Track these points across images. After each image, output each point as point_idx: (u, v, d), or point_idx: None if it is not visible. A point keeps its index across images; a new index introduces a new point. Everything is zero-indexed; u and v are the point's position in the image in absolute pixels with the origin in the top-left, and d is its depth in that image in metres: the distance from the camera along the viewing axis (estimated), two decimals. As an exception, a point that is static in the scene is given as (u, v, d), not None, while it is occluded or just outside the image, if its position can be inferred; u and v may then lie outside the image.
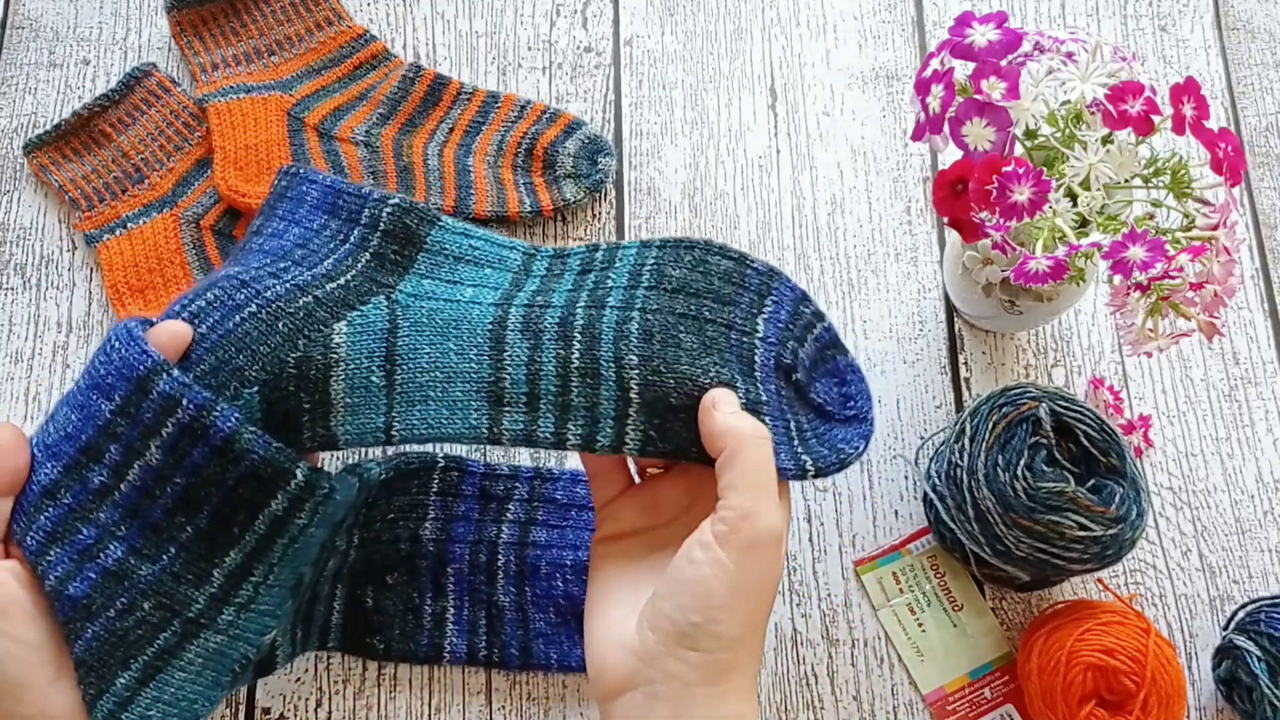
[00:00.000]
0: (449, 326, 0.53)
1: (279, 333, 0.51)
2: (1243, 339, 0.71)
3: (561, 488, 0.65)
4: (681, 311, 0.53)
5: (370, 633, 0.62)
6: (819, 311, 0.57)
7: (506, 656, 0.62)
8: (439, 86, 0.75)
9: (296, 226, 0.57)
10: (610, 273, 0.55)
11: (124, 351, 0.48)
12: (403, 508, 0.64)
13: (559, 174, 0.73)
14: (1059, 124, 0.53)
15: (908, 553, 0.66)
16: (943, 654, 0.64)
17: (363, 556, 0.63)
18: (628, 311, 0.52)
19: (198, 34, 0.76)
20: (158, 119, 0.74)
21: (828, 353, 0.58)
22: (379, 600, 0.62)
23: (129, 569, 0.49)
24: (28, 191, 0.74)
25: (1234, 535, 0.67)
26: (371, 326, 0.52)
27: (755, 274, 0.55)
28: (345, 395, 0.51)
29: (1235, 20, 0.79)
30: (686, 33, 0.78)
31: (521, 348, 0.52)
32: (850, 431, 0.55)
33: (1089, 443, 0.58)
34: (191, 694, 0.50)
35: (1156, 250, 0.50)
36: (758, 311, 0.55)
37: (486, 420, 0.52)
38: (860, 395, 0.57)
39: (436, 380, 0.52)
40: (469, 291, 0.55)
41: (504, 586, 0.63)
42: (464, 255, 0.56)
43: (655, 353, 0.51)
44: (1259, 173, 0.75)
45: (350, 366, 0.51)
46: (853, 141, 0.76)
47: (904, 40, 0.78)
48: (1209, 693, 0.64)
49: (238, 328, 0.50)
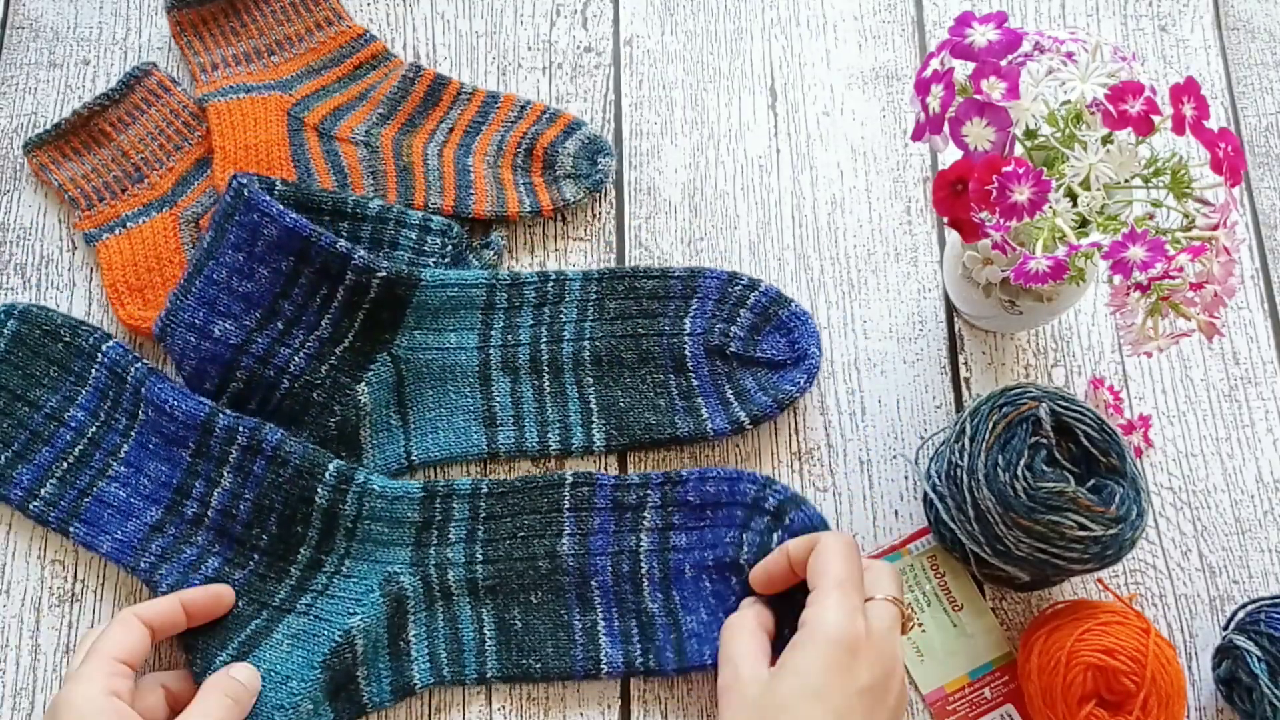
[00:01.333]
0: (445, 373, 0.68)
1: (316, 403, 0.66)
2: (1243, 339, 0.71)
3: (692, 488, 0.65)
4: (621, 334, 0.68)
5: (524, 654, 0.63)
6: (751, 282, 0.69)
7: (663, 661, 0.62)
8: (439, 86, 0.75)
9: (264, 267, 0.64)
10: (562, 307, 0.69)
11: (184, 405, 0.64)
12: (533, 526, 0.65)
13: (559, 174, 0.73)
14: (1059, 124, 0.53)
15: (908, 553, 0.66)
16: (943, 654, 0.64)
17: (494, 574, 0.64)
18: (580, 342, 0.68)
19: (198, 34, 0.76)
20: (158, 118, 0.74)
21: (771, 311, 0.68)
22: (528, 620, 0.63)
23: (224, 576, 0.62)
24: (28, 191, 0.74)
25: (1234, 535, 0.67)
26: (384, 383, 0.67)
27: (678, 282, 0.69)
28: (371, 438, 0.67)
29: (1235, 20, 0.79)
30: (686, 33, 0.78)
31: (504, 382, 0.68)
32: (795, 372, 0.67)
33: (1089, 443, 0.58)
34: (284, 671, 0.60)
35: (1156, 250, 0.50)
36: (684, 313, 0.68)
37: (484, 439, 0.67)
38: (802, 336, 0.68)
39: (442, 415, 0.67)
40: (452, 338, 0.68)
41: (651, 593, 0.63)
42: (443, 306, 0.68)
43: (605, 372, 0.68)
44: (1259, 173, 0.75)
45: (374, 417, 0.67)
46: (853, 141, 0.76)
47: (904, 40, 0.78)
48: (1209, 693, 0.64)
49: (281, 403, 0.66)
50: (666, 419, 0.67)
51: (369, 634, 0.61)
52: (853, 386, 0.70)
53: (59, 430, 0.66)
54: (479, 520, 0.65)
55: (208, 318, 0.65)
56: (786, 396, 0.66)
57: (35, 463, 0.65)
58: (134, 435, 0.65)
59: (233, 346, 0.65)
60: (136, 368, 0.66)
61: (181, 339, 0.65)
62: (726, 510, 0.64)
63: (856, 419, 0.69)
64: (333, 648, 0.61)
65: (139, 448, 0.65)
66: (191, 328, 0.65)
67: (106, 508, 0.64)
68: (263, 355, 0.65)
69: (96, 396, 0.66)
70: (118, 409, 0.66)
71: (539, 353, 0.68)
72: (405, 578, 0.63)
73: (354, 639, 0.61)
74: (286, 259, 0.65)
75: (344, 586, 0.63)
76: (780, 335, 0.68)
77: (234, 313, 0.65)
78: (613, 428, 0.67)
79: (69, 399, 0.66)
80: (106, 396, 0.66)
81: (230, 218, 0.65)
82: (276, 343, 0.65)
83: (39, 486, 0.65)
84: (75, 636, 0.65)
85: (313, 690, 0.60)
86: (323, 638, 0.61)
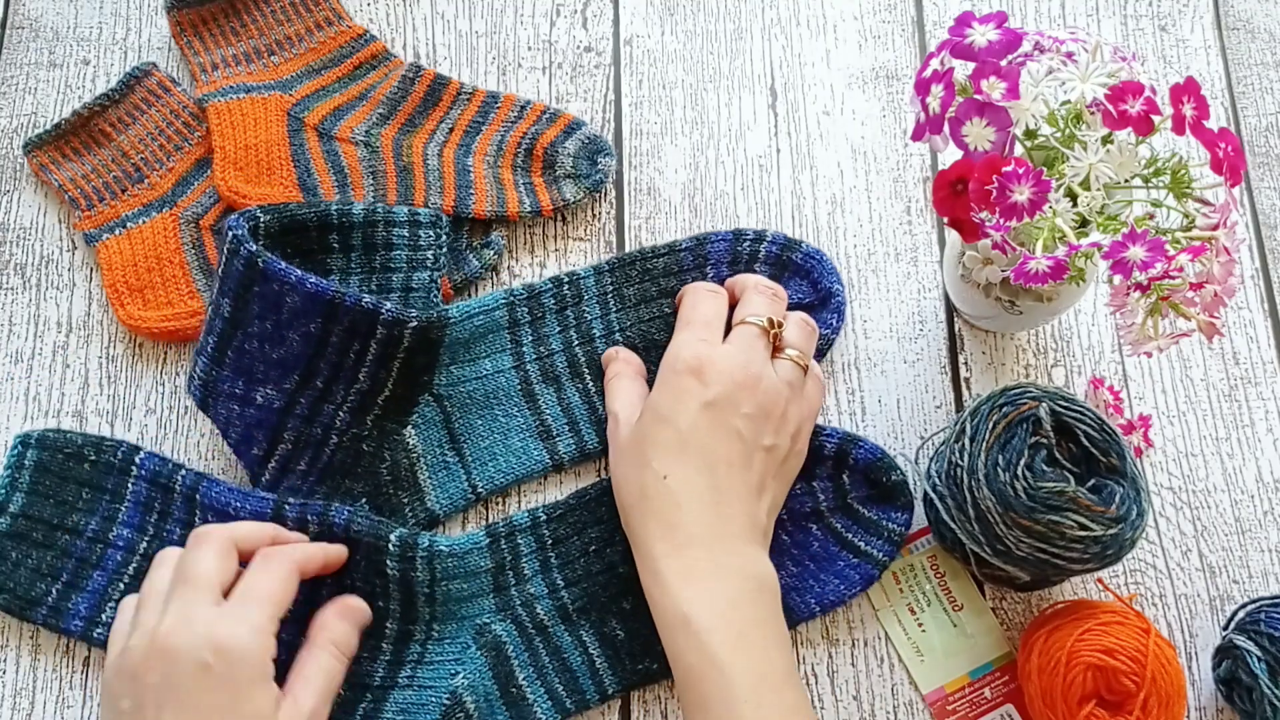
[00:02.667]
0: (489, 399, 0.68)
1: (366, 454, 0.66)
2: (1243, 339, 0.71)
3: None
4: (649, 317, 0.69)
5: (637, 659, 0.62)
6: (758, 234, 0.70)
7: None
8: (439, 86, 0.75)
9: (294, 332, 0.63)
10: (583, 306, 0.70)
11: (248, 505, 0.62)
12: (601, 536, 0.64)
13: (559, 174, 0.73)
14: (1059, 124, 0.53)
15: (908, 553, 0.66)
16: (943, 654, 0.64)
17: (580, 594, 0.63)
18: (610, 336, 0.69)
19: (198, 34, 0.75)
20: (158, 119, 0.74)
21: (784, 257, 0.70)
22: (629, 627, 0.63)
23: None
24: (28, 191, 0.74)
25: (1234, 535, 0.67)
26: (431, 422, 0.67)
27: (688, 254, 0.70)
28: (431, 479, 0.66)
29: (1235, 20, 0.79)
30: (686, 32, 0.78)
31: (549, 394, 0.68)
32: (825, 313, 0.69)
33: (1089, 443, 0.58)
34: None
35: (1156, 250, 0.50)
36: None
37: (546, 453, 0.67)
38: (822, 275, 0.69)
39: (496, 440, 0.67)
40: (488, 364, 0.68)
41: None
42: (470, 336, 0.68)
43: (644, 357, 0.68)
44: (1259, 173, 0.75)
45: (428, 459, 0.66)
46: (853, 141, 0.76)
47: (904, 40, 0.78)
48: (1209, 693, 0.64)
49: (332, 458, 0.65)
50: None
51: (476, 690, 0.61)
52: (853, 386, 0.70)
53: (107, 552, 0.63)
54: (548, 548, 0.64)
55: (247, 386, 0.64)
56: (824, 340, 0.68)
57: (89, 590, 0.63)
58: None
59: (277, 410, 0.64)
60: (183, 475, 0.64)
61: (225, 408, 0.64)
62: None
63: (856, 419, 0.69)
64: (442, 712, 0.60)
65: None
66: (233, 397, 0.64)
67: None
68: (308, 415, 0.64)
69: (140, 511, 0.64)
70: (167, 519, 0.64)
71: (575, 356, 0.69)
72: (496, 625, 0.62)
73: (462, 698, 0.60)
74: (314, 321, 0.63)
75: (439, 650, 0.62)
76: (800, 278, 0.69)
77: (272, 378, 0.63)
78: None
79: (109, 518, 0.64)
80: (152, 509, 0.64)
81: (249, 288, 0.62)
82: (319, 401, 0.64)
83: (98, 613, 0.62)
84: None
85: None
86: (431, 704, 0.61)
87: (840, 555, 0.64)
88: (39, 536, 0.63)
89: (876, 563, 0.63)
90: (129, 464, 0.65)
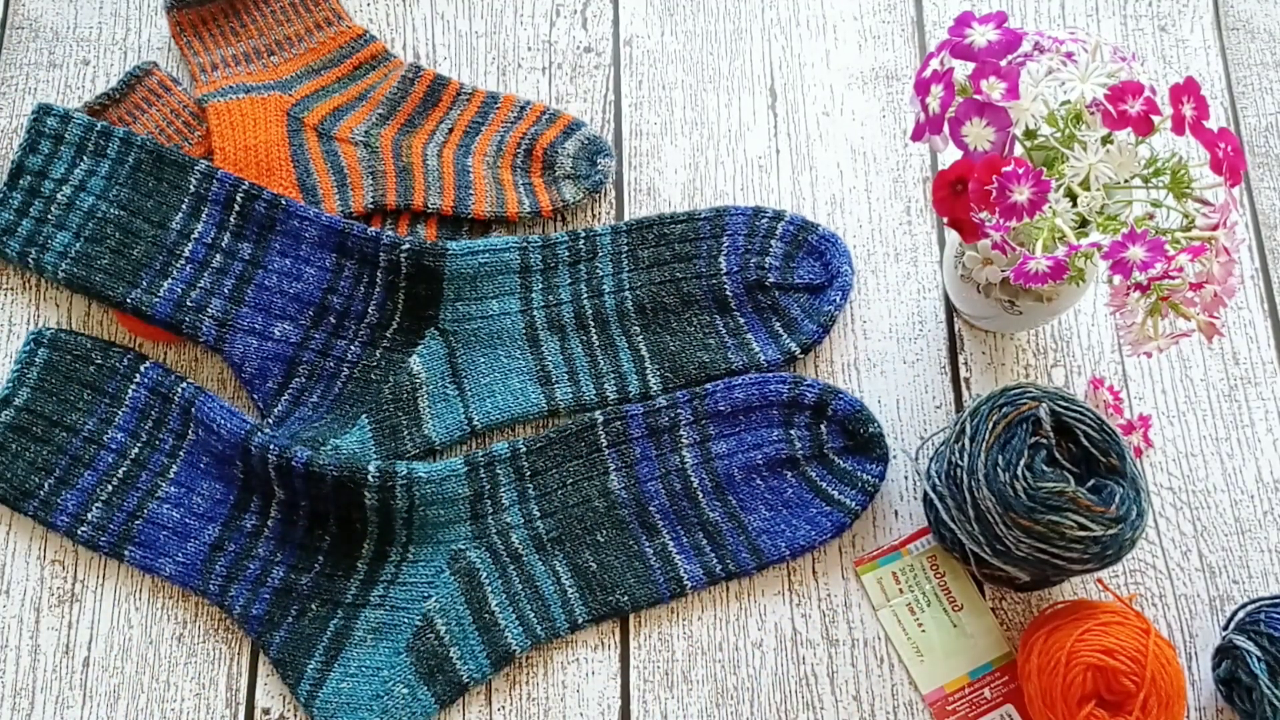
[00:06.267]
0: (493, 339, 0.70)
1: (374, 382, 0.68)
2: (1243, 339, 0.71)
3: (721, 398, 0.67)
4: (660, 280, 0.70)
5: (608, 591, 0.64)
6: (777, 213, 0.71)
7: (741, 562, 0.65)
8: (438, 87, 0.75)
9: (310, 267, 0.68)
10: (597, 262, 0.71)
11: (229, 424, 0.64)
12: (579, 470, 0.67)
13: (558, 175, 0.73)
14: (1059, 124, 0.53)
15: (908, 553, 0.66)
16: (943, 654, 0.64)
17: (555, 525, 0.65)
18: (620, 294, 0.70)
19: (197, 34, 0.76)
20: (158, 118, 0.74)
21: (801, 237, 0.71)
22: (601, 559, 0.65)
23: (292, 583, 0.64)
24: (27, 191, 0.74)
25: (1234, 535, 0.67)
26: (435, 354, 0.69)
27: (705, 223, 0.71)
28: (430, 407, 0.68)
29: (1235, 20, 0.79)
30: (686, 33, 0.78)
31: (553, 341, 0.70)
32: (830, 292, 0.70)
33: (1089, 443, 0.58)
34: (373, 664, 0.62)
35: (1156, 250, 0.50)
36: (717, 253, 0.70)
37: (543, 398, 0.69)
38: (834, 257, 0.70)
39: (496, 379, 0.69)
40: (495, 305, 0.70)
41: (709, 504, 0.66)
42: (477, 272, 0.70)
43: (651, 319, 0.70)
44: (1259, 173, 0.75)
45: (430, 388, 0.68)
46: (853, 141, 0.76)
47: (904, 40, 0.78)
48: (1209, 693, 0.64)
49: (343, 391, 0.68)
50: (719, 355, 0.69)
51: (448, 613, 0.63)
52: (853, 386, 0.70)
53: (99, 453, 0.66)
54: (526, 479, 0.66)
55: (267, 321, 0.68)
56: (828, 318, 0.69)
57: (78, 487, 0.65)
58: (183, 454, 0.66)
59: (294, 345, 0.68)
60: (183, 387, 0.67)
61: (242, 343, 0.67)
62: (761, 412, 0.67)
63: (856, 419, 0.69)
64: (414, 632, 0.62)
65: (189, 467, 0.66)
66: (252, 332, 0.67)
67: (161, 529, 0.64)
68: (322, 349, 0.68)
69: (135, 417, 0.67)
70: (162, 428, 0.67)
71: (582, 309, 0.70)
72: (471, 552, 0.65)
73: (433, 620, 0.63)
74: (329, 255, 0.69)
75: (412, 572, 0.64)
76: (814, 259, 0.71)
77: (290, 314, 0.68)
78: (667, 371, 0.69)
79: (105, 421, 0.66)
80: (148, 417, 0.67)
81: (271, 228, 0.69)
82: (333, 335, 0.69)
83: (85, 511, 0.65)
84: (75, 636, 0.65)
85: (404, 675, 0.62)
86: (402, 625, 0.63)
87: (813, 502, 0.65)
88: (39, 431, 0.66)
89: (849, 511, 0.65)
90: (133, 371, 0.67)
